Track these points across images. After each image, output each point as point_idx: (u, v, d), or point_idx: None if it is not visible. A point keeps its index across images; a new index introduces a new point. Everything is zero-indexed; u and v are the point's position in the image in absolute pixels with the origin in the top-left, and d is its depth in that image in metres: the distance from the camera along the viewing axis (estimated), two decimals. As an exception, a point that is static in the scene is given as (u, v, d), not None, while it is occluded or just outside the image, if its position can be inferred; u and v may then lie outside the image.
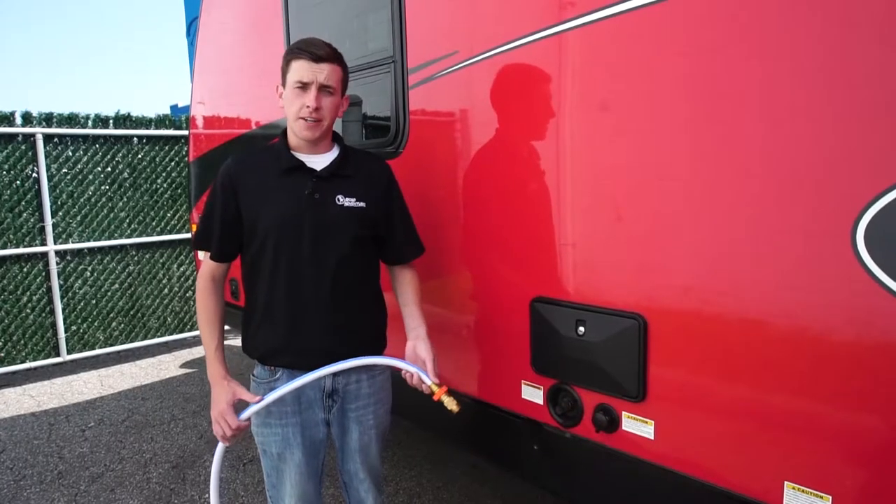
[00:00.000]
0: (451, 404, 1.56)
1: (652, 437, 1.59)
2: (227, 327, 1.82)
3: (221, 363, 1.69)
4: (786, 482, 1.34)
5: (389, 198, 1.82)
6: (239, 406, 1.68)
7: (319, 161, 1.72)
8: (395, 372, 1.76)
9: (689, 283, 1.50)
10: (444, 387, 1.59)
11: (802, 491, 1.32)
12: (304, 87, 1.62)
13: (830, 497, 1.28)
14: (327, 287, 1.68)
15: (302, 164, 1.70)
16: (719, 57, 1.39)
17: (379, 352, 1.83)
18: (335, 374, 1.72)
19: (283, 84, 1.68)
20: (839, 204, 1.22)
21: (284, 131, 1.75)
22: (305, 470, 1.75)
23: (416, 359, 1.69)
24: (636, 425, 1.63)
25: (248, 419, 1.68)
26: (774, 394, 1.35)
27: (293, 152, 1.72)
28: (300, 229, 1.66)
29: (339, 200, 1.69)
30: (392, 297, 1.88)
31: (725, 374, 1.44)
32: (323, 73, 1.62)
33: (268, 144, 1.98)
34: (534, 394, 1.90)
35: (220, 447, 1.74)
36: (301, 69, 1.61)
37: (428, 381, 1.60)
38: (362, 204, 1.72)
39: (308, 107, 1.62)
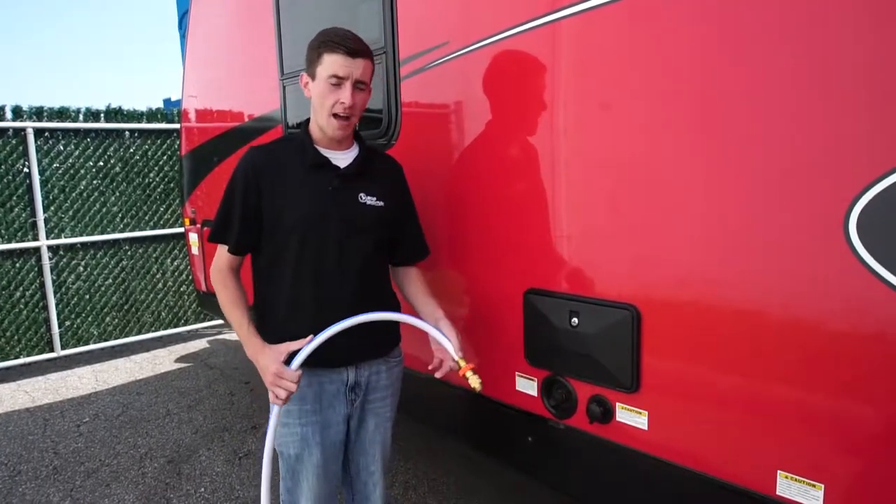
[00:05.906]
0: (474, 382, 1.56)
1: (646, 428, 1.59)
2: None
3: (257, 336, 1.61)
4: (779, 471, 1.35)
5: (403, 199, 1.82)
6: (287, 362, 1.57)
7: (343, 158, 1.69)
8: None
9: (682, 274, 1.49)
10: (470, 364, 1.60)
11: (795, 480, 1.32)
12: (339, 82, 1.57)
13: (823, 486, 1.28)
14: (352, 285, 1.66)
15: (327, 160, 1.66)
16: (709, 50, 1.38)
17: (396, 349, 1.83)
18: (358, 367, 1.72)
19: (312, 76, 1.62)
20: (831, 192, 1.21)
21: (305, 124, 1.71)
22: (323, 472, 1.70)
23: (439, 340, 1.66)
24: (630, 416, 1.63)
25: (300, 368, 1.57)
26: (768, 384, 1.35)
27: (317, 147, 1.67)
28: (327, 226, 1.63)
29: (361, 198, 1.68)
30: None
31: (719, 365, 1.44)
32: (359, 68, 1.57)
33: (283, 137, 1.95)
34: (528, 385, 1.90)
35: (269, 444, 1.61)
36: (336, 63, 1.55)
37: (455, 355, 1.61)
38: (382, 203, 1.70)
39: (343, 103, 1.57)
